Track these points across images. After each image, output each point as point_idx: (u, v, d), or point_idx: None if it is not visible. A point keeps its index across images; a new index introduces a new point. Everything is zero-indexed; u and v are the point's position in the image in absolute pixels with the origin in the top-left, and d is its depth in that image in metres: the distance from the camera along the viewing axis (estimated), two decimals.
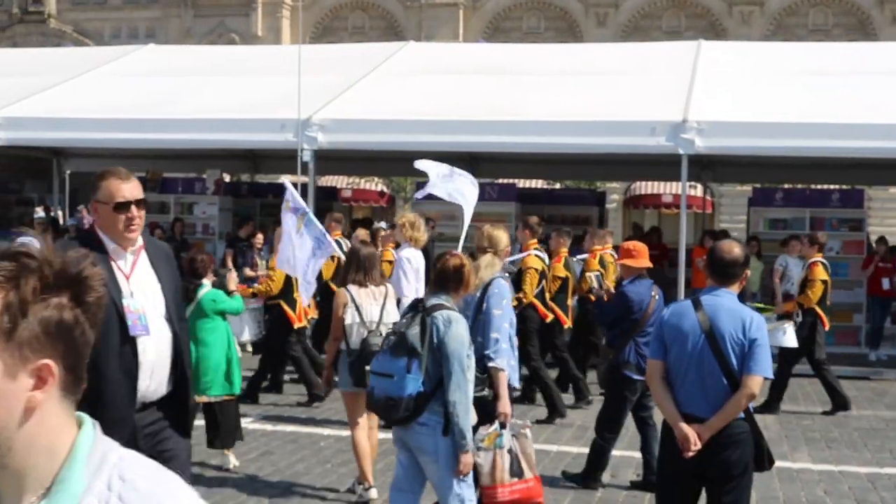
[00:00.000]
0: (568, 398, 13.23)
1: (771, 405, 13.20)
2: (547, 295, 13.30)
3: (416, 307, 6.60)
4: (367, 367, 8.00)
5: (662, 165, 19.11)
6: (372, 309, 8.66)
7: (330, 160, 18.87)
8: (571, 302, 13.95)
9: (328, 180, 32.58)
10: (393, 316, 8.71)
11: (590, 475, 9.30)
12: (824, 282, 13.68)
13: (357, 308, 8.58)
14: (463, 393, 6.27)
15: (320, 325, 14.73)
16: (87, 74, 21.14)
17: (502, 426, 6.88)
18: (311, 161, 16.96)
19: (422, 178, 24.03)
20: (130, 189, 4.96)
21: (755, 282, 17.87)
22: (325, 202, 22.18)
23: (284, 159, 23.75)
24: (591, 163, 22.69)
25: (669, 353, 5.99)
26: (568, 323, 13.72)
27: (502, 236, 7.96)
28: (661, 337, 6.07)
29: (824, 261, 14.05)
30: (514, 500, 6.87)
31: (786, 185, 22.77)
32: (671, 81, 17.84)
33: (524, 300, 12.72)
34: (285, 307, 13.13)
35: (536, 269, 12.89)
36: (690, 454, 5.81)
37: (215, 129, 17.75)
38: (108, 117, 18.31)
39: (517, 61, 20.61)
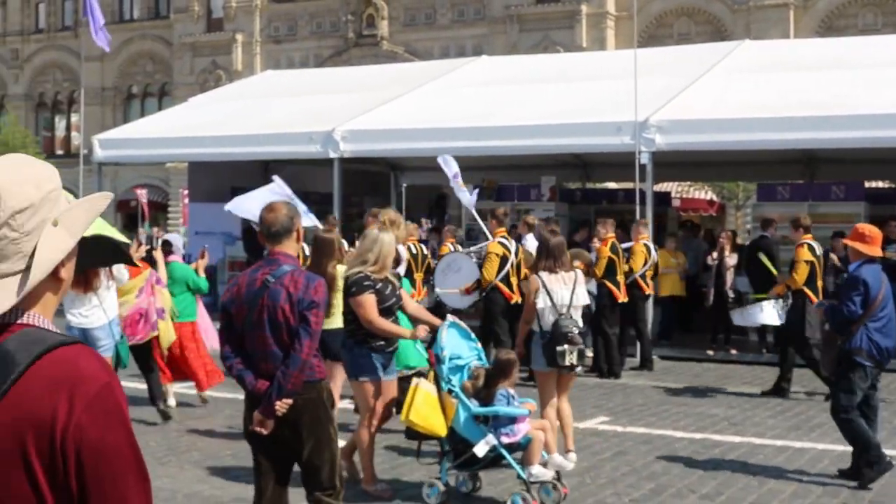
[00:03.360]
0: None
1: (780, 389, 13.34)
2: (513, 279, 14.26)
3: None
4: (558, 348, 8.84)
5: None
6: (563, 293, 9.18)
7: (659, 166, 18.48)
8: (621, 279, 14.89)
9: (658, 187, 32.08)
10: (583, 299, 9.37)
11: (869, 460, 8.65)
12: (810, 262, 13.56)
13: (548, 293, 9.11)
14: None
15: None
16: (423, 88, 21.68)
17: None
18: (649, 164, 16.59)
19: (765, 181, 23.25)
20: None
21: None
22: (660, 208, 21.79)
23: (615, 166, 23.58)
24: None
25: None
26: (622, 297, 14.68)
27: None
28: None
29: (811, 242, 13.87)
30: None
31: None
32: None
33: (483, 282, 14.19)
34: None
35: (497, 254, 14.19)
36: None
37: (550, 135, 17.74)
38: (444, 127, 18.66)
39: (856, 54, 19.59)
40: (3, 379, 2.08)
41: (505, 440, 7.92)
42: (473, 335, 8.60)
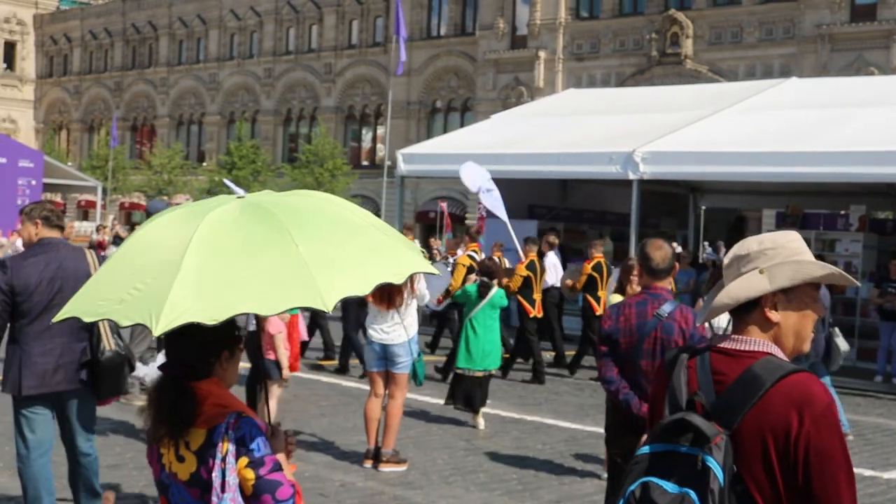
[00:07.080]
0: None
1: None
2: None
3: None
4: None
5: None
6: None
7: None
8: (538, 296, 16.86)
9: None
10: None
11: None
12: None
13: None
14: None
15: None
16: (728, 109, 21.10)
17: None
18: None
19: None
20: None
21: None
22: None
23: None
24: None
25: None
26: (534, 312, 16.66)
27: None
28: None
29: None
30: None
31: None
32: None
33: (451, 290, 15.72)
34: None
35: (464, 265, 16.30)
36: None
37: (862, 162, 16.85)
38: (748, 150, 18.08)
39: None
40: (753, 394, 2.88)
41: None
42: None
